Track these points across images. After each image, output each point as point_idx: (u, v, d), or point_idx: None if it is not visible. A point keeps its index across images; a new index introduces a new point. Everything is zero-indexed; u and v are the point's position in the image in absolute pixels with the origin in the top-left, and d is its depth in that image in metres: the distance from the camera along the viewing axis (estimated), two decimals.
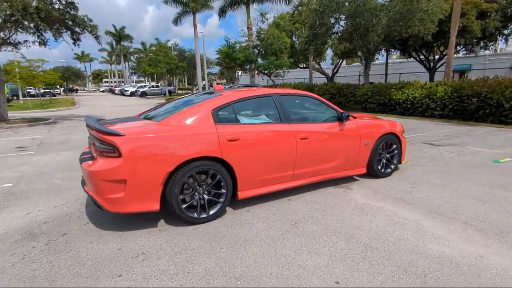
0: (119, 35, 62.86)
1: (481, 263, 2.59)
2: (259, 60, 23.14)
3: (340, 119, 4.32)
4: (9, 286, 2.41)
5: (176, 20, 34.52)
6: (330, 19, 15.82)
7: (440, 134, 8.94)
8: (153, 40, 50.19)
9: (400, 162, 5.15)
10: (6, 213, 3.83)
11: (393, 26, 13.77)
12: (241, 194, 3.66)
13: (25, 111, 20.28)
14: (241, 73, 24.67)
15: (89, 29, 13.96)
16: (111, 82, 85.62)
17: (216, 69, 44.98)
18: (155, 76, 50.91)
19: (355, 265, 2.59)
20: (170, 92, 40.23)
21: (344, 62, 33.43)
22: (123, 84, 67.27)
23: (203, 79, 35.86)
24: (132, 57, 70.29)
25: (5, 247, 2.98)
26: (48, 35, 14.06)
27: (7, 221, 3.59)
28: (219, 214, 3.53)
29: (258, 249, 2.87)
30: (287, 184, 4.01)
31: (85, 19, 13.84)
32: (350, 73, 34.62)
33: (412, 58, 24.10)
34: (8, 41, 13.83)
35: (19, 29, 13.32)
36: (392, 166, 5.03)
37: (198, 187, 3.38)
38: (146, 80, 69.82)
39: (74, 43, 14.67)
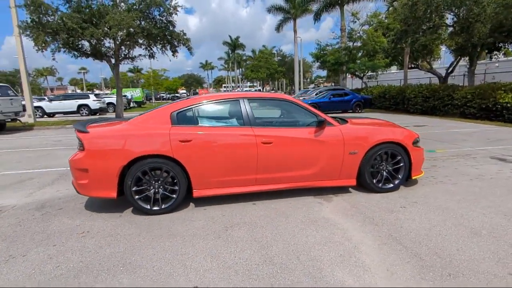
0: (234, 44, 69.46)
1: None
2: (358, 61, 21.84)
3: (318, 124, 3.99)
4: None
5: (278, 27, 36.07)
6: (425, 12, 13.82)
7: None
8: (262, 47, 53.44)
9: (409, 177, 4.34)
10: (48, 188, 5.05)
11: (502, 14, 11.10)
12: (196, 193, 3.87)
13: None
14: (344, 76, 23.76)
15: (183, 42, 16.15)
16: (227, 87, 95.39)
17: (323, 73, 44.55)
18: (261, 80, 54.13)
19: (235, 275, 2.51)
20: None
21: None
22: (239, 88, 74.08)
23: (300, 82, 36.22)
24: (245, 64, 76.73)
25: (18, 212, 4.03)
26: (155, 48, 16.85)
27: (42, 194, 4.76)
28: (173, 208, 3.83)
29: (170, 244, 3.05)
30: (250, 187, 3.99)
31: (181, 33, 16.08)
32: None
33: None
34: (127, 56, 17.31)
35: (135, 46, 16.52)
36: (396, 181, 4.30)
37: (153, 182, 3.77)
38: (258, 84, 74.79)
39: (173, 55, 17.24)
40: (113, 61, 16.48)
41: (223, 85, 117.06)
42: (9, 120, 13.90)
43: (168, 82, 38.77)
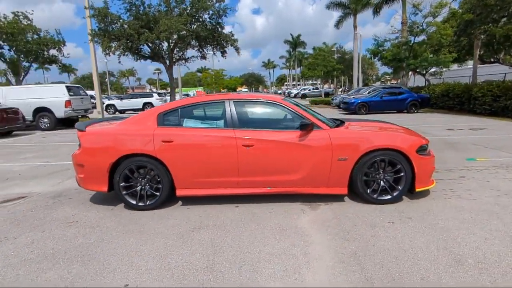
0: (295, 43, 69.12)
1: None
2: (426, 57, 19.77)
3: (303, 128, 3.75)
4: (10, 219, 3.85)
5: (338, 24, 34.82)
6: None
7: None
8: (323, 45, 51.96)
9: (413, 190, 3.83)
10: (72, 179, 5.66)
11: None
12: (179, 192, 3.97)
13: None
14: (404, 73, 21.83)
15: (231, 43, 16.61)
16: (288, 85, 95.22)
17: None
18: (320, 78, 52.73)
19: (169, 279, 2.53)
20: (327, 93, 40.77)
21: None
22: (299, 86, 73.58)
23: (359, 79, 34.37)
24: (306, 62, 75.70)
25: (37, 199, 4.60)
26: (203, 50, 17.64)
27: (65, 184, 5.36)
28: (157, 205, 3.98)
29: (133, 240, 3.18)
30: (232, 190, 3.95)
31: (229, 35, 16.56)
32: None
33: None
34: (181, 57, 18.43)
35: (187, 48, 17.51)
36: (395, 193, 3.83)
37: (140, 179, 3.98)
38: (318, 82, 73.38)
39: (222, 55, 17.84)
40: (168, 62, 17.68)
41: (285, 83, 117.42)
42: (80, 116, 15.89)
43: (227, 81, 40.23)
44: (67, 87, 15.25)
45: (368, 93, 17.87)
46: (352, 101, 16.46)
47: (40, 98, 14.69)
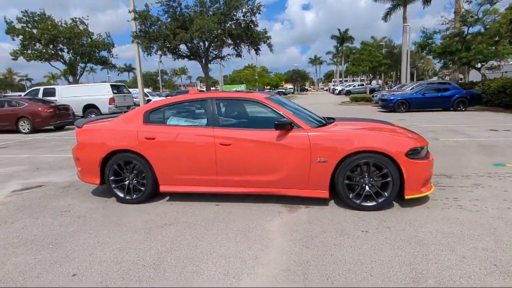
0: (342, 38, 66.91)
1: None
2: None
3: (280, 127, 3.60)
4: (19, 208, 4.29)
5: (386, 16, 32.94)
6: None
7: None
8: (371, 39, 49.42)
9: (403, 197, 3.47)
10: None
11: None
12: (162, 188, 4.07)
13: None
14: (456, 67, 19.82)
15: (264, 41, 16.55)
16: (335, 81, 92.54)
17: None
18: (367, 74, 50.27)
19: (114, 272, 2.61)
20: (373, 90, 38.75)
21: None
22: (345, 83, 71.24)
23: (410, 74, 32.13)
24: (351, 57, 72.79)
25: (50, 188, 5.04)
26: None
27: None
28: (143, 199, 4.12)
29: (106, 232, 3.33)
30: (212, 188, 3.95)
31: (261, 32, 16.52)
32: None
33: None
34: (217, 55, 18.85)
35: (223, 46, 17.86)
36: (380, 199, 3.50)
37: (127, 174, 4.16)
38: (367, 78, 70.33)
39: (256, 53, 17.88)
40: (204, 61, 18.19)
41: (333, 79, 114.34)
42: (123, 112, 17.09)
43: (269, 78, 40.28)
44: (111, 85, 16.49)
45: (411, 89, 16.58)
46: (391, 98, 15.39)
47: (88, 96, 16.09)
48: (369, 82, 50.26)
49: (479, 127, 9.56)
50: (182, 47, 17.59)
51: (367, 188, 3.55)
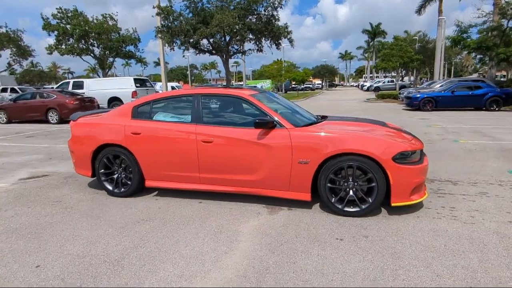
0: (374, 32, 64.62)
1: None
2: None
3: (259, 125, 3.45)
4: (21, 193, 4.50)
5: (420, 9, 31.31)
6: None
7: None
8: (404, 33, 47.01)
9: (391, 203, 3.22)
10: None
11: None
12: (147, 183, 4.09)
13: None
14: (493, 63, 18.29)
15: (284, 35, 16.23)
16: (366, 77, 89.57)
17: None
18: (399, 70, 48.02)
19: (76, 265, 2.64)
20: (403, 86, 36.99)
21: None
22: (376, 79, 68.75)
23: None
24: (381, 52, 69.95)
25: (54, 178, 5.23)
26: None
27: None
28: (130, 193, 4.14)
29: (84, 224, 3.39)
30: (195, 185, 3.90)
31: (282, 27, 16.19)
32: None
33: None
34: (238, 50, 18.77)
35: (244, 41, 17.76)
36: (364, 205, 3.27)
37: (116, 167, 4.22)
38: (399, 74, 67.49)
39: (277, 48, 17.59)
40: (224, 56, 18.20)
41: (363, 75, 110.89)
42: None
43: (294, 73, 39.74)
44: (134, 79, 16.98)
45: (440, 86, 15.59)
46: (416, 95, 14.56)
47: (113, 89, 16.68)
48: (401, 78, 48.02)
49: (508, 129, 8.78)
50: (204, 42, 17.71)
51: (351, 192, 3.33)
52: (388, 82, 41.13)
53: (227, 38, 16.93)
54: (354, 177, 3.31)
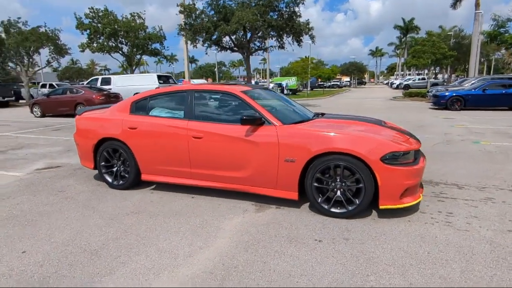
0: (407, 28, 62.00)
1: None
2: None
3: (246, 122, 3.41)
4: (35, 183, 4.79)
5: (455, 3, 29.65)
6: None
7: None
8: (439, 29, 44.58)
9: (379, 206, 3.07)
10: None
11: None
12: (144, 176, 4.19)
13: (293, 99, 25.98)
14: None
15: (305, 32, 15.96)
16: (397, 75, 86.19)
17: None
18: (431, 67, 45.69)
19: (57, 252, 2.76)
20: (435, 84, 35.16)
21: None
22: (408, 76, 65.97)
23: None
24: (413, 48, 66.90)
25: (64, 169, 5.50)
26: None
27: None
28: (128, 186, 4.26)
29: (75, 215, 3.53)
30: (187, 181, 3.95)
31: (303, 23, 15.92)
32: None
33: None
34: (260, 47, 18.72)
35: (265, 38, 17.68)
36: (351, 207, 3.14)
37: (116, 161, 4.35)
38: (431, 72, 64.34)
39: (298, 45, 17.34)
40: (245, 53, 18.22)
41: (395, 72, 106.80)
42: None
43: (321, 70, 39.09)
44: (158, 76, 17.46)
45: (471, 84, 14.65)
46: (444, 94, 13.77)
47: (137, 85, 17.24)
48: (434, 76, 45.69)
49: None
50: (226, 39, 17.83)
51: (338, 193, 3.22)
52: (419, 80, 39.33)
53: (248, 35, 16.94)
54: (342, 177, 3.19)
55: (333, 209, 3.22)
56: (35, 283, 2.29)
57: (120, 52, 23.57)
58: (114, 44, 23.20)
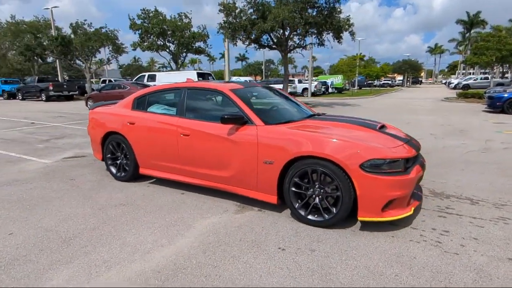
0: (471, 22, 56.52)
1: None
2: None
3: (227, 121, 3.32)
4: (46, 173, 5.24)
5: None
6: None
7: None
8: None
9: (358, 217, 2.79)
10: None
11: None
12: (141, 170, 4.34)
13: (334, 98, 25.19)
14: None
15: (345, 29, 15.28)
16: (459, 74, 78.83)
17: None
18: (496, 65, 40.91)
19: (38, 238, 2.96)
20: (501, 84, 31.43)
21: None
22: (471, 75, 60.14)
23: None
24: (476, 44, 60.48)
25: (85, 159, 5.93)
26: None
27: None
28: (129, 178, 4.46)
29: (74, 202, 3.76)
30: (178, 177, 4.00)
31: (343, 20, 15.25)
32: None
33: None
34: (299, 45, 18.36)
35: (305, 35, 17.31)
36: (328, 216, 2.91)
37: (119, 154, 4.56)
38: (499, 70, 57.86)
39: (338, 42, 16.67)
40: (283, 51, 18.01)
41: (457, 71, 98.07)
42: None
43: (369, 69, 37.37)
44: (197, 73, 18.04)
45: None
46: (500, 95, 12.23)
47: (178, 82, 18.04)
48: (501, 75, 40.92)
49: None
50: (266, 37, 17.78)
51: (316, 200, 3.00)
52: (481, 79, 35.51)
53: (287, 32, 16.71)
54: (321, 183, 2.97)
55: (310, 217, 3.02)
56: (1, 265, 2.47)
57: (167, 50, 24.78)
58: (162, 43, 24.47)
